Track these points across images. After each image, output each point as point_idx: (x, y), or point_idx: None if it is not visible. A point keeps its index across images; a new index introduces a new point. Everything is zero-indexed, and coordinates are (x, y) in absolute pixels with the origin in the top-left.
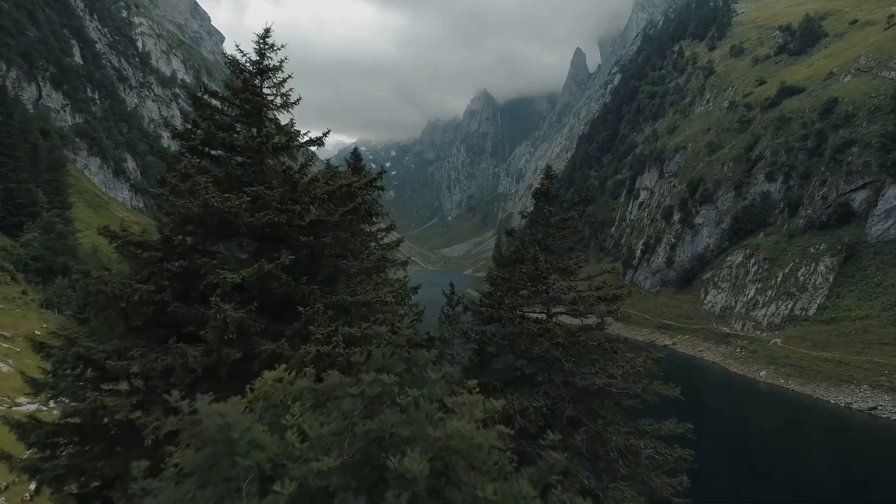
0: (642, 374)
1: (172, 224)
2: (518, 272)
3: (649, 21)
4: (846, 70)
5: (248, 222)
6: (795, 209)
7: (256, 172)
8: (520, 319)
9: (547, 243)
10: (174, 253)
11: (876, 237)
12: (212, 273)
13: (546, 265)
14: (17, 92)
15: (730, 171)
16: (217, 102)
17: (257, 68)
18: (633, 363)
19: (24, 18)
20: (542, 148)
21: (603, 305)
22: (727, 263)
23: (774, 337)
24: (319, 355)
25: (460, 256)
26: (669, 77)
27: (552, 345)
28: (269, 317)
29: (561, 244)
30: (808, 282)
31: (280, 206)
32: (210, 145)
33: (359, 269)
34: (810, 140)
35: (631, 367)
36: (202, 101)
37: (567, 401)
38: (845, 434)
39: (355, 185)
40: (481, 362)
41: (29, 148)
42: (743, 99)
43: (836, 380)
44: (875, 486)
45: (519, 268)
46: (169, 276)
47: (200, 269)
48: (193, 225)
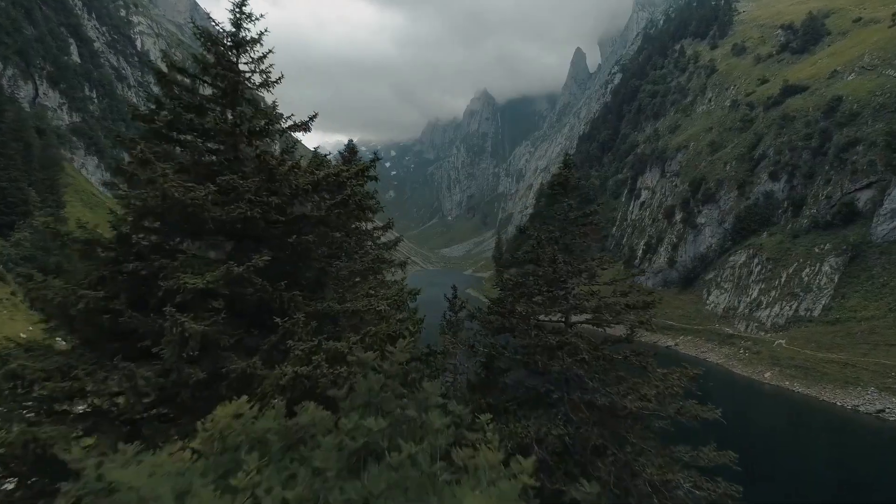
0: (679, 395)
1: (129, 219)
2: (533, 275)
3: (650, 20)
4: (850, 68)
5: (215, 217)
6: (799, 209)
7: (231, 160)
8: (535, 330)
9: (565, 242)
10: (130, 253)
11: (881, 237)
12: (172, 277)
13: (566, 267)
14: (14, 90)
15: (732, 170)
16: (187, 80)
17: (233, 41)
18: (667, 381)
19: (20, 16)
20: (542, 148)
21: (632, 314)
22: (730, 263)
23: (778, 338)
24: (297, 378)
25: (460, 256)
26: (671, 76)
27: (575, 361)
28: (242, 328)
29: (582, 242)
30: (813, 282)
31: (254, 199)
32: (177, 129)
33: (350, 271)
34: (814, 139)
35: (665, 387)
36: (168, 78)
37: (591, 425)
38: (853, 437)
39: (344, 174)
40: (489, 378)
41: (21, 146)
42: (745, 98)
43: (843, 382)
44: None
45: (534, 270)
46: (123, 280)
47: (159, 272)
48: (157, 220)
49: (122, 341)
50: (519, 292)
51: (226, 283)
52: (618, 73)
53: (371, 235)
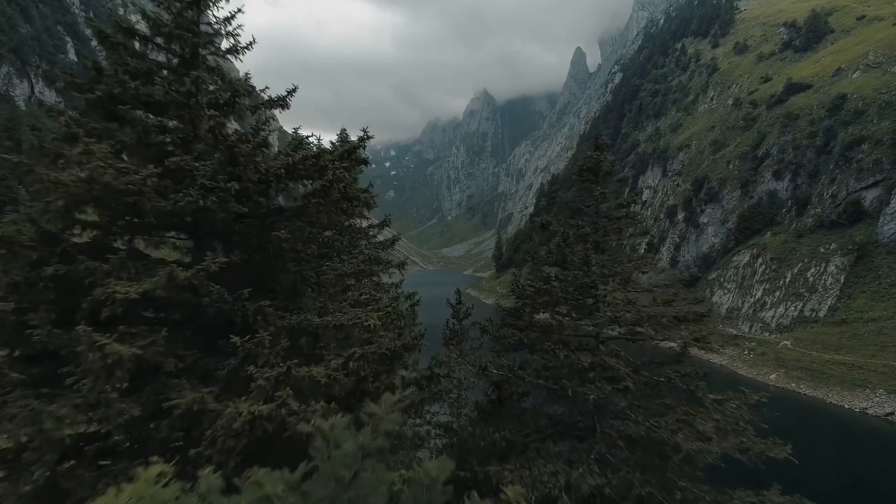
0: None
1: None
2: (559, 280)
3: (650, 20)
4: (855, 66)
5: (158, 207)
6: (804, 208)
7: (189, 140)
8: (563, 349)
9: (597, 239)
10: (54, 254)
11: (888, 236)
12: (101, 284)
13: (601, 271)
14: (9, 89)
15: (735, 169)
16: (137, 44)
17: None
18: (723, 411)
19: (16, 14)
20: (543, 147)
21: (683, 328)
22: (733, 263)
23: (784, 339)
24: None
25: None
26: (672, 75)
27: (615, 390)
28: (198, 349)
29: (617, 240)
30: (818, 282)
31: (209, 184)
32: (121, 100)
33: (337, 274)
34: (818, 137)
35: (725, 419)
36: (111, 39)
37: (632, 467)
38: (862, 440)
39: (326, 157)
40: (502, 403)
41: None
42: (748, 96)
43: (850, 384)
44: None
45: (563, 275)
46: (44, 288)
47: (85, 278)
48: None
49: (39, 366)
50: (541, 301)
51: (170, 291)
52: (618, 72)
53: (366, 234)
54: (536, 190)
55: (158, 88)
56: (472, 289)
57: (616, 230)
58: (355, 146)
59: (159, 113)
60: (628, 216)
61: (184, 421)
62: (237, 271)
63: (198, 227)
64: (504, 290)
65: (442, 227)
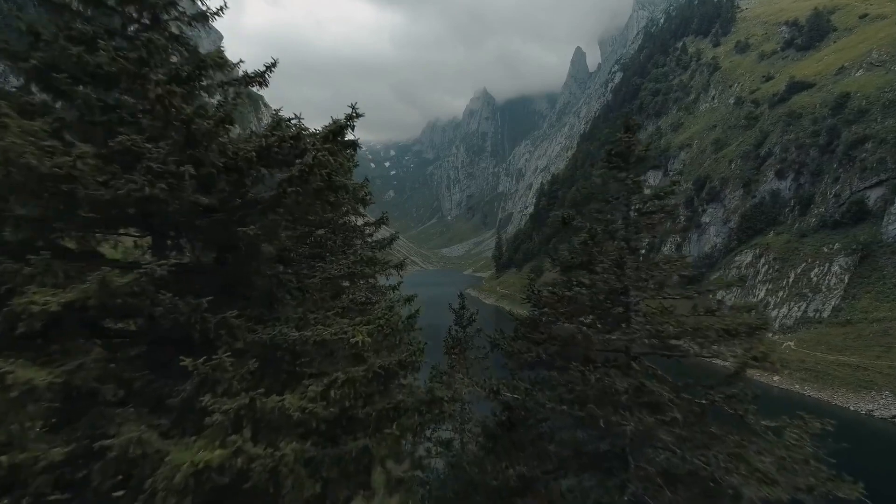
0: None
1: None
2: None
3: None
4: (858, 64)
5: (93, 196)
6: (807, 207)
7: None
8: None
9: (628, 236)
10: None
11: (893, 236)
12: (19, 292)
13: (636, 274)
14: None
15: (737, 168)
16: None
17: None
18: (786, 444)
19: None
20: (543, 147)
21: (735, 343)
22: (736, 263)
23: (787, 340)
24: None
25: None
26: (672, 74)
27: (658, 421)
28: (149, 368)
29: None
30: (822, 282)
31: (158, 169)
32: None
33: (325, 277)
34: (822, 136)
35: (789, 455)
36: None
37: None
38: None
39: (307, 139)
40: (513, 425)
41: None
42: (750, 95)
43: (855, 385)
44: None
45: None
46: None
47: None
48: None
49: None
50: (564, 310)
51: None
52: (618, 71)
53: (361, 232)
54: (536, 190)
55: (104, 55)
56: (473, 289)
57: (649, 226)
58: (342, 125)
59: (109, 86)
60: (663, 209)
61: (120, 466)
62: (206, 275)
63: (149, 222)
64: (504, 290)
65: (442, 226)
